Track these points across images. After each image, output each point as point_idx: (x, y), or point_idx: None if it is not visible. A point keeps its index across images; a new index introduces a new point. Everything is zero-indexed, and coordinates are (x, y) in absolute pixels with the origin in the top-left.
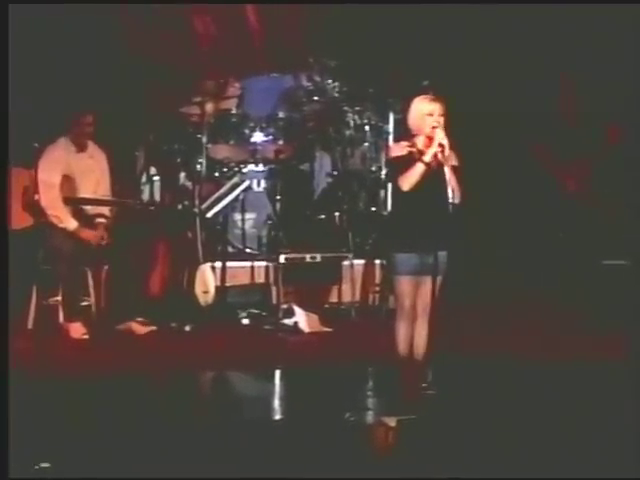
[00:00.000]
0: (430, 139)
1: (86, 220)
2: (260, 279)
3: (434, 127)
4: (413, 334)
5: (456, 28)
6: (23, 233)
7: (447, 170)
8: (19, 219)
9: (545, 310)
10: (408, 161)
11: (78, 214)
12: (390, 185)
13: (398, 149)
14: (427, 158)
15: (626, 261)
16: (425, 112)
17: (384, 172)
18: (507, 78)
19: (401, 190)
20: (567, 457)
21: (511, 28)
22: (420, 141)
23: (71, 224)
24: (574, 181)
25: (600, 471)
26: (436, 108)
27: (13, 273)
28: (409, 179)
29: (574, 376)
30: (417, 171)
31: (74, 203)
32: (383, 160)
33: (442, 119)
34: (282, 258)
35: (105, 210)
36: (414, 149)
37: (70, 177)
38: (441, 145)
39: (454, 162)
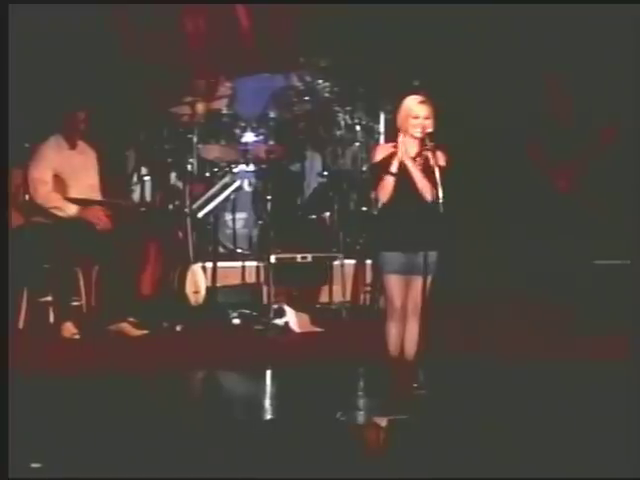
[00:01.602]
0: (416, 140)
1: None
2: (251, 279)
3: (419, 130)
4: (404, 333)
5: (448, 27)
6: (13, 233)
7: (436, 170)
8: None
9: (539, 310)
10: (391, 164)
11: None
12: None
13: (382, 151)
14: (393, 169)
15: (620, 260)
16: (411, 115)
17: None
18: (499, 77)
19: (381, 201)
20: (563, 457)
21: (504, 27)
22: (407, 142)
23: (71, 209)
24: (567, 181)
25: (599, 471)
26: (423, 111)
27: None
28: (384, 192)
29: (570, 376)
30: (388, 184)
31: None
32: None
33: (429, 122)
34: (273, 258)
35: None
36: (398, 150)
37: (60, 177)
38: (426, 146)
39: (441, 162)
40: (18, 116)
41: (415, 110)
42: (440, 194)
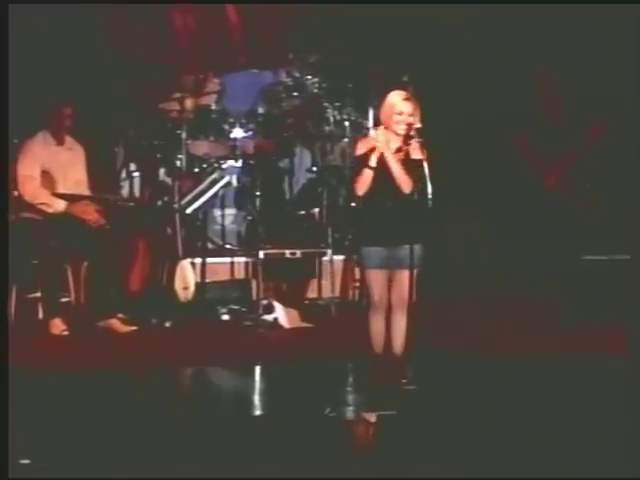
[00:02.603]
0: (399, 136)
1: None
2: (240, 275)
3: (402, 126)
4: (391, 328)
5: (438, 23)
6: None
7: (395, 165)
8: None
9: (531, 305)
10: (371, 158)
11: None
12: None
13: (363, 145)
14: (372, 163)
15: (607, 256)
16: (396, 111)
17: None
18: (489, 74)
19: (357, 194)
20: (557, 454)
21: (494, 25)
22: (389, 136)
23: (60, 205)
24: (555, 179)
25: (598, 470)
26: (408, 108)
27: None
28: (361, 185)
29: (564, 371)
30: (366, 177)
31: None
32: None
33: (413, 119)
34: (262, 254)
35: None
36: (379, 144)
37: (49, 173)
38: (409, 142)
39: (419, 156)
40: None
41: (400, 107)
42: (428, 189)
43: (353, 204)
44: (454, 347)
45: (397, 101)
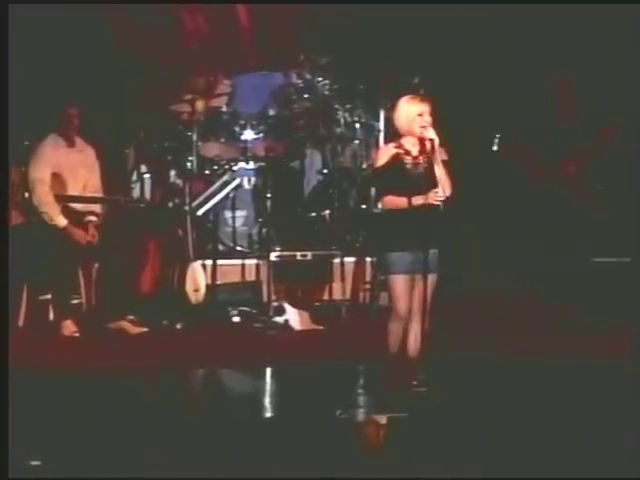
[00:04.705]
0: (420, 140)
1: (76, 218)
2: (251, 277)
3: (423, 127)
4: (408, 332)
5: (449, 25)
6: (13, 231)
7: (437, 167)
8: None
9: (539, 308)
10: (395, 166)
11: (68, 211)
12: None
13: (384, 154)
14: (415, 202)
15: (619, 258)
16: (415, 113)
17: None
18: (498, 76)
19: (386, 207)
20: (563, 457)
21: (508, 26)
22: (408, 142)
23: (61, 221)
24: (569, 179)
25: (599, 471)
26: (426, 107)
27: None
28: (392, 205)
29: (570, 375)
30: (401, 204)
31: (64, 201)
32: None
33: (431, 118)
34: (273, 256)
35: (96, 208)
36: (401, 150)
37: (60, 175)
38: (430, 140)
39: (444, 156)
40: (17, 115)
41: (419, 108)
42: (441, 191)
43: (364, 206)
44: (464, 350)
45: (413, 103)
